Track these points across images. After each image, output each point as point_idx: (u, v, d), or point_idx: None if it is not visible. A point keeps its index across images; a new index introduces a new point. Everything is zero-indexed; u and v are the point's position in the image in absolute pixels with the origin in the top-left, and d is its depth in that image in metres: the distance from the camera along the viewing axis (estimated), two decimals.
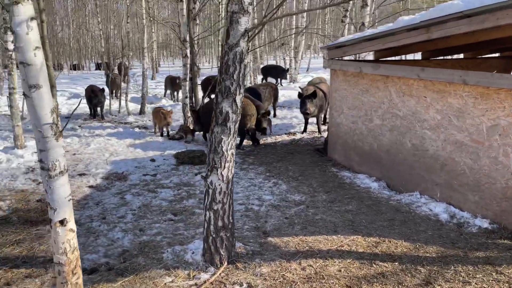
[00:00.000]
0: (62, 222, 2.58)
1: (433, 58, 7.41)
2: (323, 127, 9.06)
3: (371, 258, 3.52)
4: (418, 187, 4.97)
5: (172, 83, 14.20)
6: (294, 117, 10.73)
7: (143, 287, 3.18)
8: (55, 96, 5.49)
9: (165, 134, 8.87)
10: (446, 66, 6.78)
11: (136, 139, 8.53)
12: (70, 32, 31.77)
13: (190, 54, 9.01)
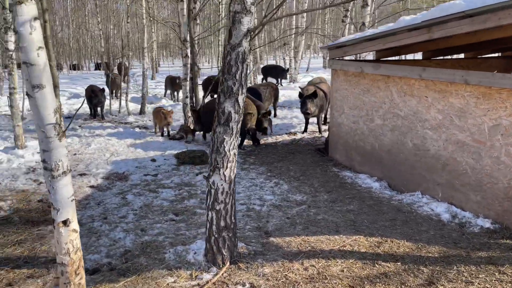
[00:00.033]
0: (65, 223, 2.57)
1: (433, 58, 7.41)
2: (323, 127, 9.06)
3: (373, 258, 3.52)
4: (420, 187, 4.97)
5: (172, 83, 14.18)
6: (294, 117, 10.72)
7: (145, 287, 3.18)
8: (58, 96, 5.48)
9: (165, 134, 8.86)
10: (446, 66, 6.78)
11: (137, 139, 8.52)
12: (69, 32, 31.75)
13: (190, 54, 9.01)
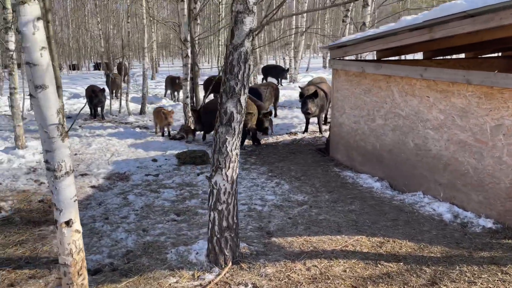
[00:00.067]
0: (68, 223, 2.57)
1: (434, 58, 7.40)
2: (324, 127, 9.06)
3: (376, 258, 3.51)
4: (421, 187, 4.97)
5: (172, 83, 14.18)
6: (295, 117, 10.72)
7: None
8: (61, 97, 5.48)
9: (166, 134, 8.85)
10: (447, 66, 6.77)
11: (137, 139, 8.51)
12: (69, 32, 31.72)
13: (191, 54, 9.00)
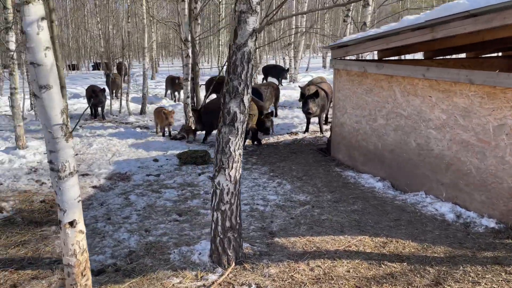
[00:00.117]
0: (72, 224, 2.56)
1: (435, 58, 7.39)
2: (325, 127, 9.05)
3: (379, 258, 3.51)
4: (423, 187, 4.96)
5: (172, 83, 14.18)
6: (295, 116, 10.71)
7: None
8: (65, 97, 5.47)
9: (166, 134, 8.84)
10: (449, 66, 6.77)
11: (138, 139, 8.50)
12: (69, 32, 31.68)
13: (191, 54, 8.99)
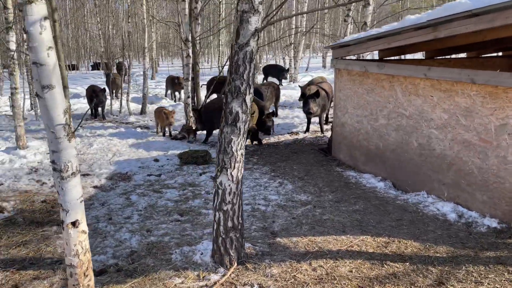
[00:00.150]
0: (74, 224, 2.55)
1: (436, 58, 7.39)
2: (325, 127, 9.04)
3: (381, 258, 3.50)
4: (425, 187, 4.96)
5: (172, 83, 14.18)
6: (296, 116, 10.70)
7: None
8: (67, 97, 5.46)
9: (167, 134, 8.84)
10: (450, 65, 6.76)
11: (139, 139, 8.49)
12: (68, 32, 31.66)
13: (192, 54, 8.98)
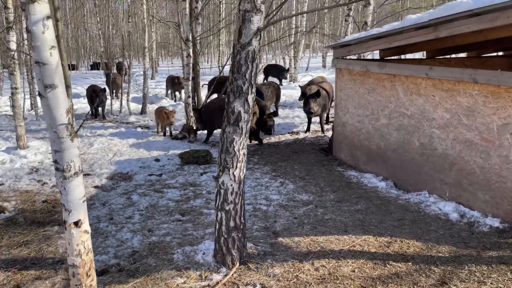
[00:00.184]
0: (77, 224, 2.54)
1: (437, 57, 7.38)
2: (326, 126, 9.03)
3: (384, 258, 3.50)
4: (427, 186, 4.95)
5: (173, 83, 14.18)
6: (296, 116, 10.69)
7: None
8: (70, 97, 5.44)
9: (167, 134, 8.83)
10: (451, 65, 6.76)
11: (139, 139, 8.48)
12: (68, 32, 31.62)
13: (192, 54, 8.97)
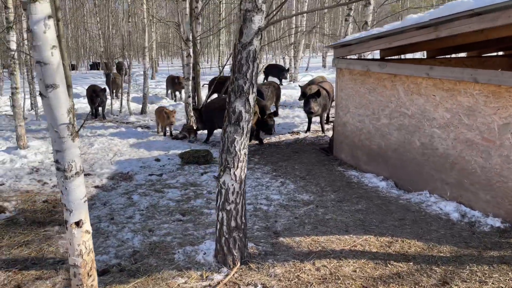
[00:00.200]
0: (78, 224, 2.54)
1: (437, 57, 7.37)
2: (326, 126, 9.03)
3: (385, 258, 3.49)
4: (427, 186, 4.95)
5: (173, 83, 14.18)
6: (296, 116, 10.68)
7: None
8: (71, 96, 5.45)
9: (168, 134, 8.82)
10: (452, 65, 6.75)
11: (139, 138, 8.48)
12: (68, 32, 31.60)
13: (192, 54, 8.96)
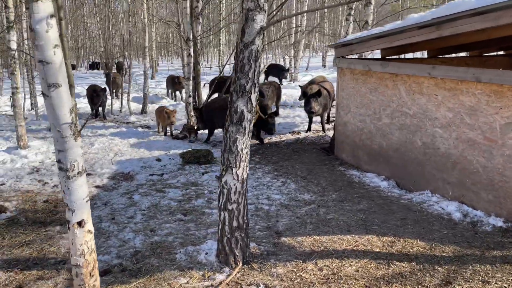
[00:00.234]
0: (80, 224, 2.53)
1: (439, 56, 7.37)
2: (327, 126, 9.02)
3: (387, 258, 3.48)
4: (429, 186, 4.94)
5: (173, 83, 14.17)
6: (297, 116, 10.67)
7: None
8: (73, 96, 5.44)
9: (168, 134, 8.81)
10: (453, 64, 6.74)
11: (140, 138, 8.47)
12: (67, 31, 31.60)
13: (193, 53, 8.95)
